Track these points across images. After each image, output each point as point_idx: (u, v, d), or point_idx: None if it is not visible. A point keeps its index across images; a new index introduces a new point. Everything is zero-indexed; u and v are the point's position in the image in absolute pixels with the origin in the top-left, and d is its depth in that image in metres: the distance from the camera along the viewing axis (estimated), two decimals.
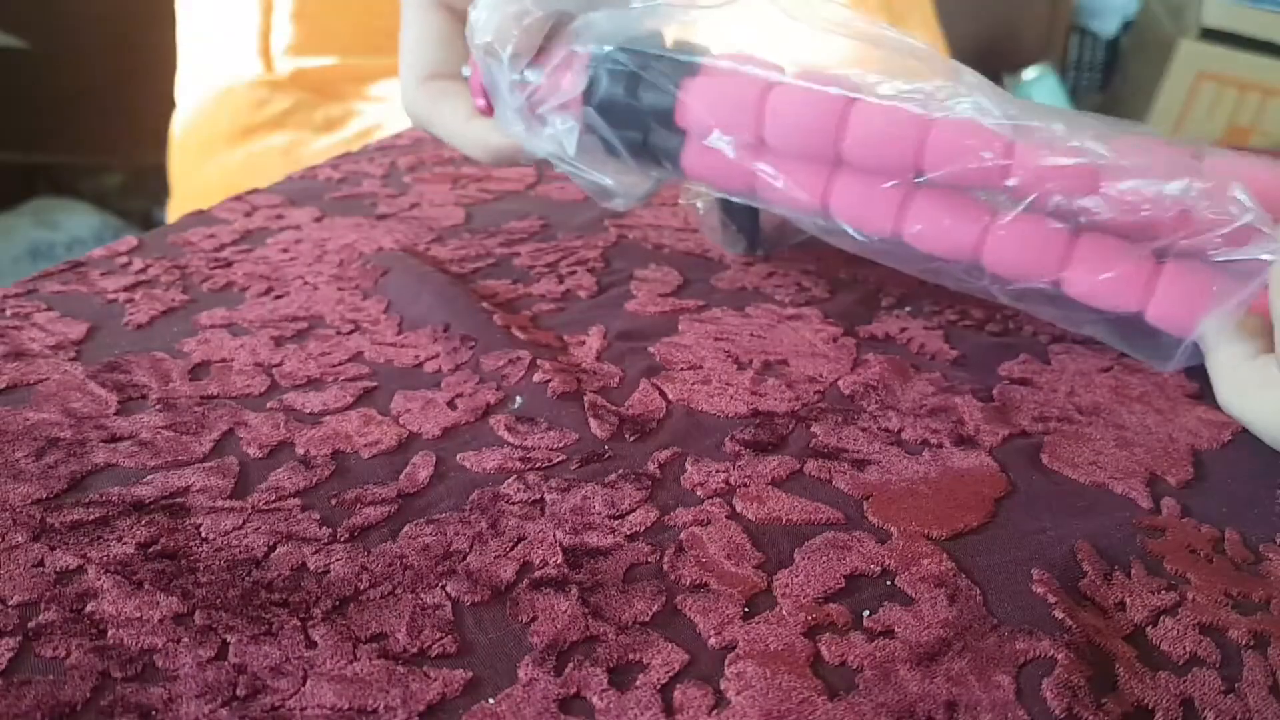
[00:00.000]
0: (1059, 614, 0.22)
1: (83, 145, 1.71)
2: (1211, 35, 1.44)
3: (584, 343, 0.35)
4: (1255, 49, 1.42)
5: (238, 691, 0.19)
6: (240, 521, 0.24)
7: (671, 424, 0.30)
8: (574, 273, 0.42)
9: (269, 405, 0.30)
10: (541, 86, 0.37)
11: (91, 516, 0.24)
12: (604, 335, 0.36)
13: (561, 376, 0.32)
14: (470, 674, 0.20)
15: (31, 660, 0.20)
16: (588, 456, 0.28)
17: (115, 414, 0.29)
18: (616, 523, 0.25)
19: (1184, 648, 0.22)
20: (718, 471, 0.27)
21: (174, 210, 1.10)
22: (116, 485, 0.26)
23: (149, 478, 0.26)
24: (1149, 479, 0.28)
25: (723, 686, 0.20)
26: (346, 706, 0.19)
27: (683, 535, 0.24)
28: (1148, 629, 0.22)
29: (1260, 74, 1.41)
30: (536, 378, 0.32)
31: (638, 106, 0.35)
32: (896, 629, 0.22)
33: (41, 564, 0.22)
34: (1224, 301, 0.30)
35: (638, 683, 0.20)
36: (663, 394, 0.32)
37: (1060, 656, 0.21)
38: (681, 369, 0.34)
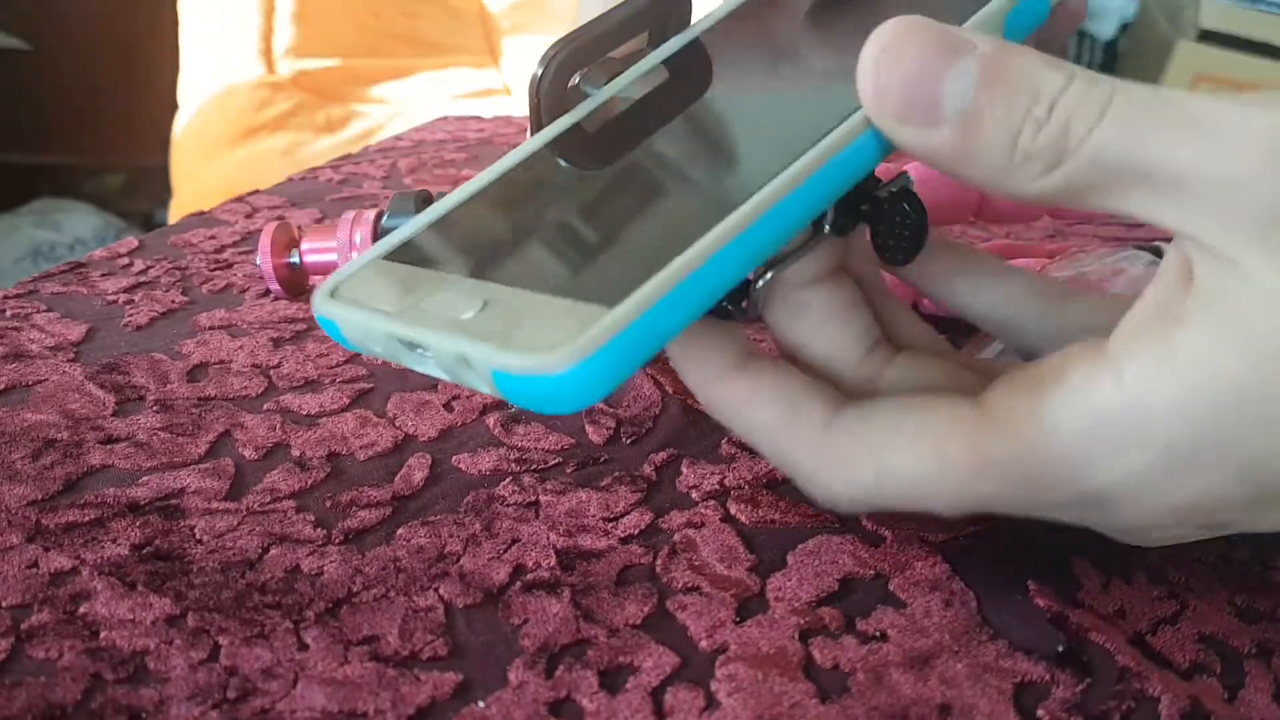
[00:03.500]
0: (1054, 625, 0.22)
1: (84, 146, 1.71)
2: (1209, 37, 1.44)
3: None
4: (1253, 50, 1.42)
5: (228, 694, 0.19)
6: (235, 523, 0.24)
7: (669, 422, 0.30)
8: None
9: (266, 407, 0.30)
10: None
11: (86, 518, 0.24)
12: None
13: None
14: (461, 677, 0.20)
15: (24, 662, 0.20)
16: (583, 462, 0.28)
17: (112, 415, 0.30)
18: (610, 525, 0.25)
19: (1185, 656, 0.22)
20: (713, 474, 0.27)
21: (175, 211, 1.11)
22: (112, 487, 0.26)
23: (144, 479, 0.26)
24: None
25: (714, 689, 0.20)
26: (336, 709, 0.19)
27: (676, 538, 0.24)
28: (1147, 637, 0.22)
29: (1258, 75, 1.41)
30: None
31: None
32: (890, 633, 0.22)
33: (36, 565, 0.23)
34: None
35: (628, 685, 0.20)
36: (659, 385, 0.32)
37: (1055, 678, 0.21)
38: None
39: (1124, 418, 0.16)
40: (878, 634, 0.22)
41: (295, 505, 0.25)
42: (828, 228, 0.21)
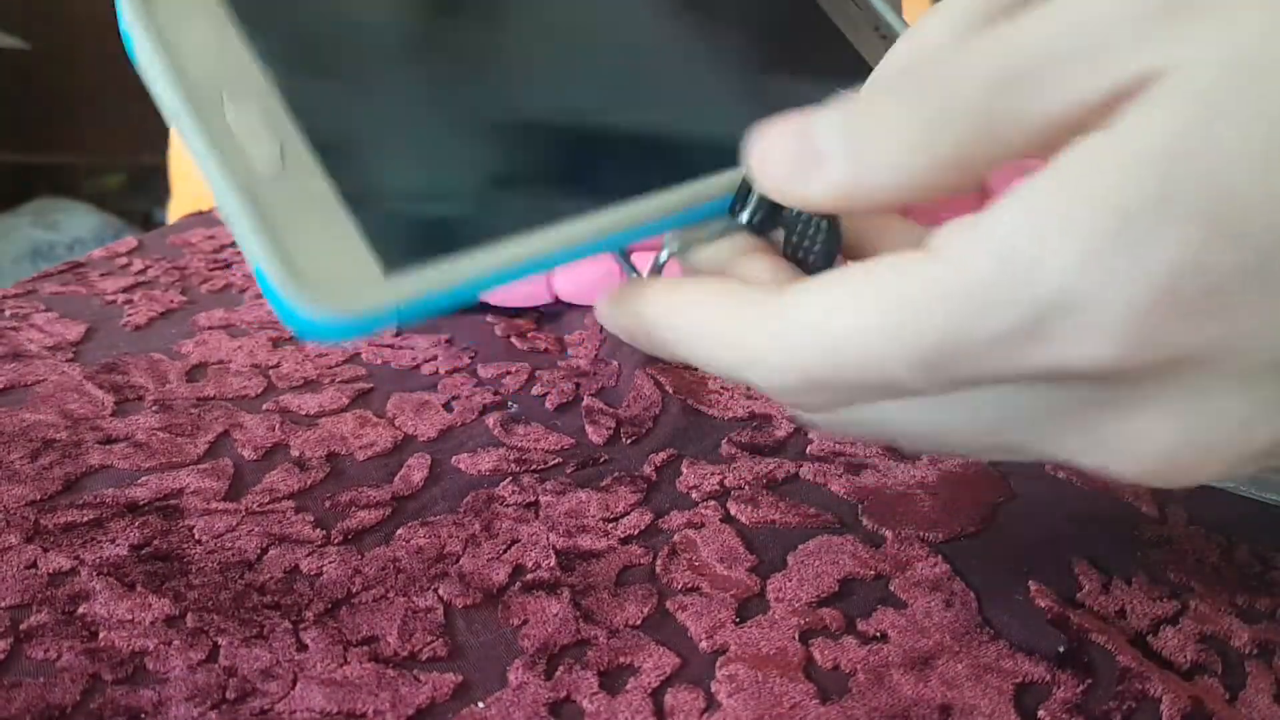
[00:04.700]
0: (1055, 625, 0.22)
1: (83, 146, 1.71)
2: None
3: (583, 341, 0.35)
4: None
5: (227, 694, 0.19)
6: (234, 523, 0.24)
7: (669, 422, 0.30)
8: None
9: (265, 407, 0.30)
10: None
11: (85, 518, 0.24)
12: (601, 328, 0.36)
13: (559, 388, 0.32)
14: (460, 678, 0.20)
15: (22, 662, 0.20)
16: (584, 461, 0.28)
17: (111, 415, 0.29)
18: (610, 525, 0.25)
19: (1185, 656, 0.22)
20: (713, 474, 0.27)
21: (174, 210, 1.10)
22: (111, 487, 0.26)
23: (143, 479, 0.26)
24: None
25: (714, 690, 0.20)
26: (335, 710, 0.19)
27: (676, 538, 0.24)
28: (1148, 637, 0.22)
29: None
30: (535, 390, 0.32)
31: None
32: (890, 633, 0.22)
33: (34, 565, 0.22)
34: None
35: (628, 686, 0.20)
36: (659, 385, 0.32)
37: (1056, 678, 0.21)
38: (678, 367, 0.34)
39: (1060, 202, 0.15)
40: (878, 634, 0.22)
41: (294, 505, 0.25)
42: (745, 219, 0.19)
